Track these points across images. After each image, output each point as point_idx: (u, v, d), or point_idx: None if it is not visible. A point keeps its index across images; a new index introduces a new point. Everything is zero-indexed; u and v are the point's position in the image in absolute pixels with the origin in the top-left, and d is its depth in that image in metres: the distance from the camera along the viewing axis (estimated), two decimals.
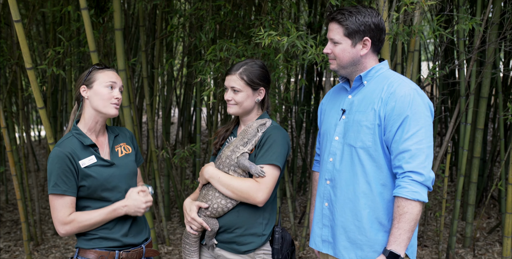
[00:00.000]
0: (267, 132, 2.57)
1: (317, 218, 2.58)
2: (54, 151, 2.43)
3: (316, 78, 6.38)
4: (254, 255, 2.59)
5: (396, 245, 2.27)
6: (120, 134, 2.68)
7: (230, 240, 2.58)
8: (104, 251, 2.48)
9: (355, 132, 2.39)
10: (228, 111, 2.69)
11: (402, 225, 2.26)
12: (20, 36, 3.43)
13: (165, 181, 5.84)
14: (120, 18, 4.13)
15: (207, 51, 4.43)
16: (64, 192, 2.40)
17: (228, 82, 2.63)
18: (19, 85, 5.30)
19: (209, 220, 2.58)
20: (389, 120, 2.30)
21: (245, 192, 2.49)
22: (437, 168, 4.50)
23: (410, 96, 2.28)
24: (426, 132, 2.28)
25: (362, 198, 2.38)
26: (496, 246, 5.00)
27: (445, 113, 6.89)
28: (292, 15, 5.40)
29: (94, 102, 2.49)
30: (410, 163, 2.25)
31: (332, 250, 2.50)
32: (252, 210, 2.57)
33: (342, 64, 2.43)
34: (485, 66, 4.37)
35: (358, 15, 2.34)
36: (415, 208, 2.25)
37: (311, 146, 6.31)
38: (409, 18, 3.67)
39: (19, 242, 5.53)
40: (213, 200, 2.56)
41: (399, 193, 2.26)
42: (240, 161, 2.52)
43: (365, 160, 2.37)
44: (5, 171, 7.53)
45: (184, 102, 6.37)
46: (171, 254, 5.05)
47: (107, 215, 2.45)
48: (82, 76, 2.55)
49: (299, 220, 5.69)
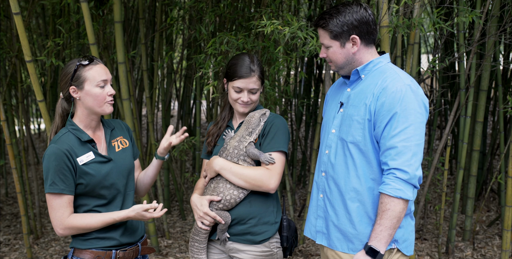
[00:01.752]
0: (270, 120, 2.64)
1: (312, 209, 2.61)
2: (51, 148, 2.36)
3: (316, 71, 6.37)
4: (269, 244, 2.62)
5: (377, 241, 2.29)
6: (116, 127, 2.63)
7: (244, 232, 2.59)
8: (101, 251, 2.44)
9: (347, 126, 2.40)
10: (243, 111, 2.70)
11: (384, 221, 2.27)
12: (19, 29, 3.42)
13: (164, 174, 5.84)
14: (120, 11, 4.12)
15: (207, 44, 4.42)
16: (62, 190, 2.34)
17: (245, 85, 2.61)
18: (18, 78, 5.29)
19: (222, 213, 2.58)
20: (379, 115, 2.30)
21: (258, 180, 2.53)
22: (437, 161, 4.50)
23: (402, 92, 2.27)
24: (415, 129, 2.26)
25: (352, 192, 2.40)
26: (495, 239, 5.01)
27: (445, 106, 6.88)
28: (292, 7, 5.38)
29: (88, 103, 2.42)
30: (396, 160, 2.25)
31: (326, 241, 2.52)
32: (263, 199, 2.62)
33: (338, 65, 2.46)
34: (485, 59, 4.36)
35: (339, 16, 2.35)
36: (398, 205, 2.25)
37: (311, 139, 6.30)
38: (409, 10, 3.66)
39: (19, 235, 5.54)
40: (225, 192, 2.58)
41: (382, 189, 2.27)
42: (250, 150, 2.57)
43: (355, 155, 2.38)
44: (5, 164, 7.53)
45: (183, 95, 6.37)
46: (171, 247, 5.06)
47: (107, 223, 2.40)
48: (67, 73, 2.42)
49: (298, 213, 5.70)
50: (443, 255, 4.68)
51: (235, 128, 2.75)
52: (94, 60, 2.43)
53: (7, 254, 5.08)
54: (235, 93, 2.65)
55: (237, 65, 2.63)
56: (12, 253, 5.08)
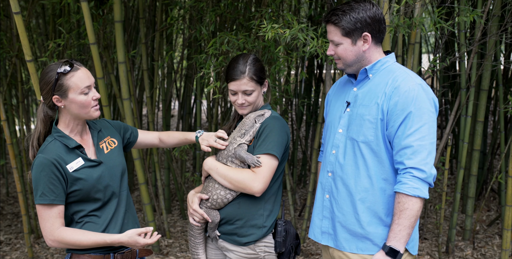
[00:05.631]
0: (265, 122, 2.59)
1: (317, 210, 2.58)
2: (38, 158, 2.30)
3: (317, 70, 6.37)
4: (255, 247, 2.60)
5: (396, 241, 2.28)
6: (103, 128, 2.58)
7: (231, 232, 2.60)
8: (99, 255, 2.41)
9: (358, 126, 2.38)
10: (242, 113, 2.69)
11: (402, 221, 2.26)
12: (19, 28, 3.41)
13: (165, 173, 5.84)
14: (120, 10, 4.12)
15: (207, 43, 4.41)
16: (52, 201, 2.30)
17: (237, 87, 2.59)
18: (19, 77, 5.29)
19: (210, 211, 2.60)
20: (392, 115, 2.29)
21: (241, 182, 2.51)
22: (437, 161, 4.50)
23: (415, 91, 2.27)
24: (429, 128, 2.27)
25: (362, 192, 2.38)
26: (495, 238, 5.01)
27: (446, 105, 6.88)
28: (293, 7, 5.38)
29: (74, 111, 2.36)
30: (412, 160, 2.25)
31: (333, 241, 2.50)
32: (253, 202, 2.58)
33: (347, 62, 2.43)
34: (486, 59, 4.35)
35: (352, 13, 2.32)
36: (416, 204, 2.25)
37: (311, 139, 6.30)
38: (410, 10, 3.66)
39: (20, 234, 5.54)
40: (212, 191, 2.59)
41: (400, 189, 2.26)
42: (237, 152, 2.55)
43: (367, 154, 2.36)
44: (5, 164, 7.53)
45: (184, 94, 6.36)
46: (172, 246, 5.07)
47: (97, 244, 2.35)
48: (47, 82, 2.32)
49: (299, 212, 5.70)
50: (443, 254, 4.68)
51: None
52: (75, 65, 2.33)
53: (8, 253, 5.08)
54: (231, 96, 2.65)
55: (230, 68, 2.62)
56: (13, 253, 5.09)
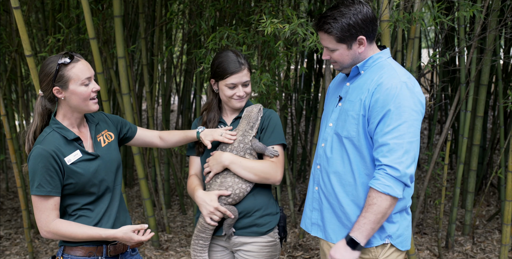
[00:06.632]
0: (267, 115, 2.71)
1: (308, 201, 2.63)
2: (36, 149, 2.29)
3: (316, 65, 6.36)
4: (273, 234, 2.69)
5: (359, 233, 2.29)
6: (100, 121, 2.58)
7: (250, 224, 2.63)
8: (92, 246, 2.41)
9: (343, 121, 2.41)
10: (240, 106, 2.73)
11: (368, 215, 2.27)
12: (19, 23, 3.41)
13: (165, 168, 5.85)
14: (120, 5, 4.11)
15: (207, 38, 4.41)
16: (48, 192, 2.30)
17: (239, 79, 2.63)
18: (18, 72, 5.28)
19: (230, 207, 2.61)
20: (373, 111, 2.29)
21: (267, 173, 2.60)
22: (437, 156, 4.50)
23: (396, 89, 2.26)
24: (409, 127, 2.25)
25: (346, 186, 2.41)
26: (495, 233, 5.02)
27: (445, 100, 6.88)
28: (292, 2, 5.36)
29: (73, 102, 2.36)
30: (387, 157, 2.25)
31: (322, 233, 2.54)
32: (265, 191, 2.69)
33: (344, 65, 2.44)
34: (486, 53, 4.35)
35: (344, 19, 2.30)
36: (385, 201, 2.25)
37: (311, 134, 6.30)
38: (409, 5, 3.65)
39: (20, 229, 5.55)
40: (234, 186, 2.60)
41: (372, 184, 2.28)
42: (255, 144, 2.62)
43: (350, 150, 2.38)
44: (5, 159, 7.54)
45: (184, 89, 6.35)
46: (171, 241, 5.08)
47: (92, 238, 2.36)
48: (48, 73, 2.33)
49: (298, 207, 5.71)
50: (443, 249, 4.69)
51: (228, 124, 2.77)
52: (75, 57, 2.35)
53: (8, 248, 5.09)
54: (229, 90, 2.65)
55: (225, 62, 2.63)
56: (13, 248, 5.10)
